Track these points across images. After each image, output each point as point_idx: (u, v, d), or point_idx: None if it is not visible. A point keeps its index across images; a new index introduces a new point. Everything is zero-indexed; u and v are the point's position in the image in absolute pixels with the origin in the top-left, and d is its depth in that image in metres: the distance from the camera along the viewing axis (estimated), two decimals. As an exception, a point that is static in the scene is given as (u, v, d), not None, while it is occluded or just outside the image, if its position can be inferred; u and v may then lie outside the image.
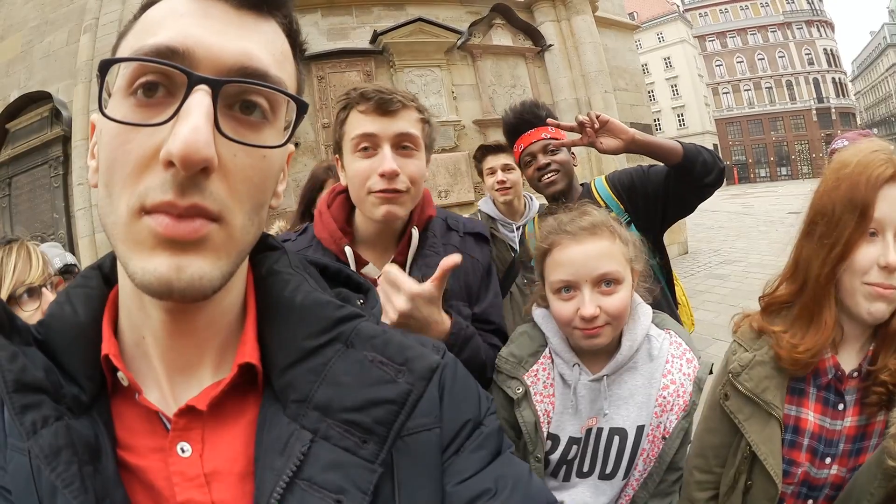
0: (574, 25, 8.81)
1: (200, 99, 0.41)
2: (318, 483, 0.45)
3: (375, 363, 0.50)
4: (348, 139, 1.18)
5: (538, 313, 1.31)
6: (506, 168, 2.59)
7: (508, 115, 2.06)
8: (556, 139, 1.92)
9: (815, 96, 50.24)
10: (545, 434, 1.24)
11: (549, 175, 1.91)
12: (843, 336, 1.07)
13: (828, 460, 1.06)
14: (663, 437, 1.19)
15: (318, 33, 7.42)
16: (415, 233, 1.26)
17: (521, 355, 1.29)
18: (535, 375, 1.27)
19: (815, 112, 49.82)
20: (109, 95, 0.46)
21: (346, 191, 1.28)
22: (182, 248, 0.42)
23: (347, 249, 1.22)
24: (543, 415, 1.25)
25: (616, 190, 1.92)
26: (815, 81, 50.42)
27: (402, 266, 1.23)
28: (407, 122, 1.18)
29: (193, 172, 0.41)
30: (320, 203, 1.35)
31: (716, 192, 1.79)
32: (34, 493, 0.44)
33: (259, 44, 0.47)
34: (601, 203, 1.92)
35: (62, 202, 7.73)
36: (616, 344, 1.23)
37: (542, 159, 1.93)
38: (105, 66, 0.44)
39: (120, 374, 0.49)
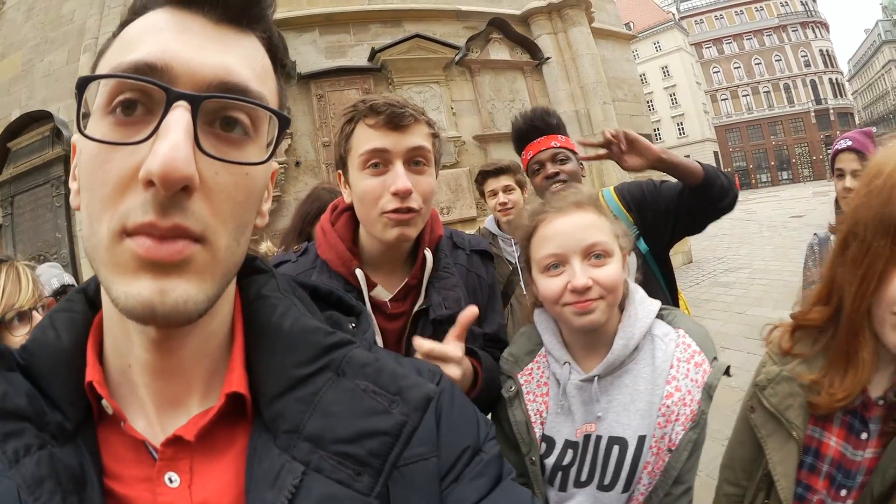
0: (571, 37, 8.98)
1: (180, 115, 0.41)
2: None
3: (368, 392, 0.49)
4: (355, 155, 1.11)
5: (536, 313, 1.29)
6: (506, 189, 2.68)
7: (518, 121, 2.06)
8: (566, 148, 1.94)
9: (812, 98, 50.60)
10: (538, 435, 1.21)
11: (557, 185, 1.89)
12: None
13: (843, 492, 1.01)
14: (669, 450, 1.11)
15: (317, 51, 7.59)
16: (428, 254, 1.21)
17: (518, 354, 1.28)
18: (530, 374, 1.25)
19: (813, 114, 50.15)
20: (89, 114, 0.46)
21: (349, 208, 1.23)
22: (165, 270, 0.41)
23: (359, 272, 1.16)
24: (536, 415, 1.22)
25: (625, 202, 1.93)
26: (813, 83, 50.81)
27: (417, 288, 1.20)
28: (419, 137, 1.12)
29: (174, 192, 0.40)
30: (323, 221, 1.29)
31: None
32: None
33: (239, 58, 0.46)
34: (609, 215, 1.95)
35: (64, 221, 7.83)
36: (612, 342, 1.17)
37: (551, 168, 1.93)
38: (83, 84, 0.44)
39: (104, 403, 0.49)
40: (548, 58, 8.81)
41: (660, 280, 1.96)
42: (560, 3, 8.95)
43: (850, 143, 2.04)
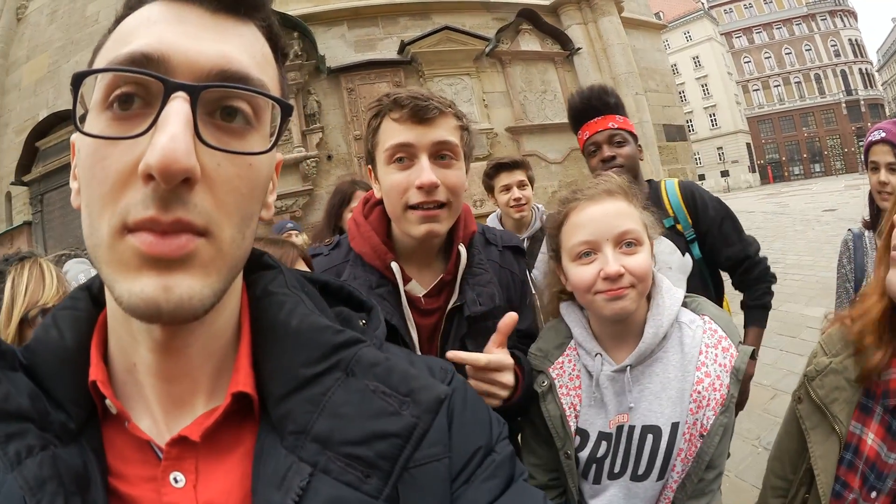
0: (601, 27, 8.90)
1: (178, 107, 0.40)
2: None
3: (378, 393, 0.48)
4: (382, 149, 1.12)
5: (563, 306, 1.29)
6: (521, 185, 2.65)
7: (575, 98, 2.00)
8: (624, 130, 1.88)
9: (843, 89, 49.64)
10: (573, 428, 1.22)
11: (613, 169, 1.82)
12: None
13: (874, 494, 1.00)
14: (701, 435, 1.13)
15: (346, 45, 7.64)
16: (462, 250, 1.21)
17: (547, 349, 1.28)
18: (561, 368, 1.26)
19: (844, 105, 49.19)
20: (86, 111, 0.45)
21: (381, 201, 1.23)
22: (168, 266, 0.40)
23: (394, 266, 1.16)
24: (570, 408, 1.22)
25: (688, 202, 1.91)
26: (843, 73, 49.83)
27: (451, 284, 1.21)
28: (445, 130, 1.11)
29: (174, 185, 0.39)
30: (356, 214, 1.29)
31: (751, 193, 1.83)
32: None
33: (238, 46, 0.46)
34: (668, 208, 1.91)
35: (94, 216, 8.03)
36: (642, 331, 1.18)
37: (607, 151, 1.87)
38: (78, 80, 0.43)
39: (108, 402, 0.48)
40: (578, 48, 8.73)
41: (709, 285, 1.97)
42: (590, -7, 8.85)
43: (883, 134, 1.93)
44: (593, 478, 1.21)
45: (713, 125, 48.46)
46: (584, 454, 1.20)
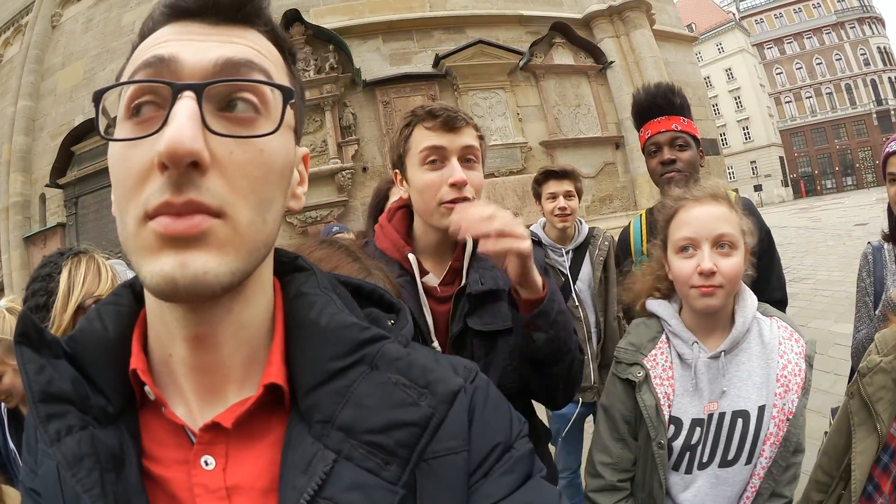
0: (633, 40, 9.06)
1: (184, 103, 0.45)
2: (339, 502, 0.47)
3: (399, 385, 0.52)
4: (415, 152, 1.29)
5: (653, 303, 1.44)
6: (568, 195, 2.68)
7: (640, 95, 2.00)
8: (687, 133, 1.87)
9: (874, 98, 48.73)
10: (667, 417, 1.32)
11: (671, 173, 1.86)
12: None
13: None
14: (787, 419, 1.26)
15: (381, 59, 7.91)
16: (468, 239, 1.31)
17: (640, 342, 1.42)
18: (654, 359, 1.38)
19: (875, 116, 48.36)
20: (109, 123, 0.51)
21: (404, 206, 1.42)
22: (184, 244, 0.44)
23: (411, 256, 1.32)
24: (664, 398, 1.34)
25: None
26: (873, 83, 48.98)
27: (459, 271, 1.34)
28: (469, 137, 1.29)
29: (183, 168, 0.43)
30: (381, 220, 1.46)
31: (784, 208, 1.77)
32: (60, 497, 0.50)
33: (240, 46, 0.50)
34: None
35: (129, 221, 8.35)
36: (728, 323, 1.34)
37: (668, 154, 1.87)
38: (98, 97, 0.50)
39: (147, 389, 0.53)
40: (612, 62, 8.89)
41: None
42: (620, 6, 9.03)
43: None
44: (685, 468, 1.33)
45: (746, 138, 48.12)
46: (679, 442, 1.32)
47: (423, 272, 1.34)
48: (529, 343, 1.22)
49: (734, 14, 51.48)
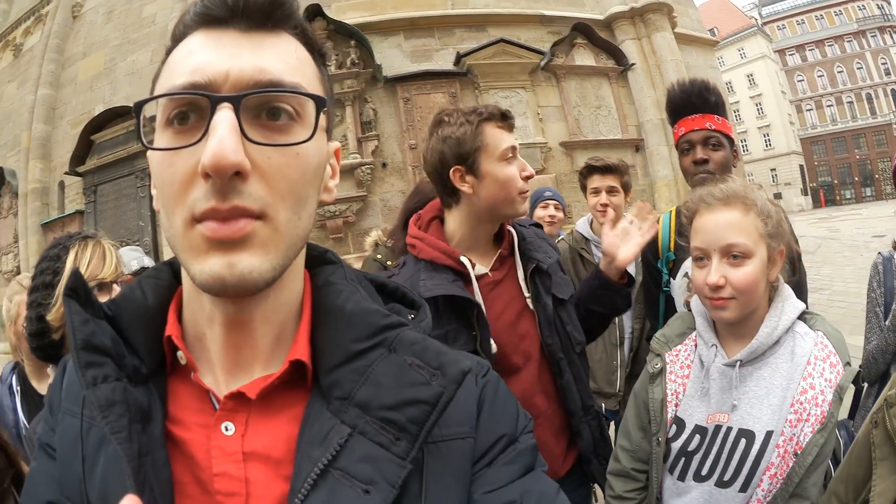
0: (654, 43, 9.13)
1: (224, 115, 0.48)
2: (350, 473, 0.50)
3: (413, 366, 0.55)
4: (495, 150, 1.45)
5: (695, 298, 1.40)
6: (610, 190, 2.69)
7: (675, 90, 1.99)
8: (721, 132, 1.87)
9: (894, 109, 48.44)
10: (670, 415, 1.31)
11: (703, 173, 1.84)
12: None
13: None
14: (795, 454, 1.16)
15: (402, 55, 8.06)
16: (511, 229, 1.59)
17: (670, 335, 1.42)
18: (676, 355, 1.38)
19: (895, 126, 48.22)
20: (153, 131, 0.54)
21: (434, 218, 1.59)
22: (230, 247, 0.49)
23: (464, 259, 1.47)
24: (672, 395, 1.33)
25: None
26: (894, 93, 48.70)
27: (510, 257, 1.58)
28: None
29: (227, 178, 0.47)
30: (412, 232, 1.56)
31: (803, 217, 1.80)
32: (78, 452, 0.53)
33: (272, 56, 0.53)
34: None
35: (148, 211, 8.63)
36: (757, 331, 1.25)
37: (701, 153, 1.85)
38: (139, 107, 0.53)
39: (179, 354, 0.58)
40: (633, 64, 8.96)
41: None
42: (642, 8, 9.12)
43: None
44: (679, 473, 1.29)
45: (767, 145, 47.85)
46: (677, 444, 1.29)
47: (473, 266, 1.49)
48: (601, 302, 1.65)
49: (756, 19, 51.26)
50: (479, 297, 1.45)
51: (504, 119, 1.49)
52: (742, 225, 1.23)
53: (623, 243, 1.61)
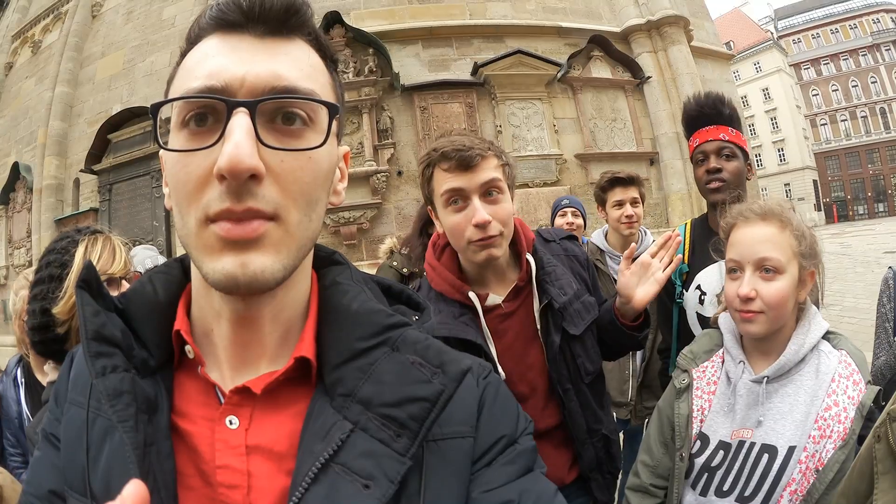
0: (670, 56, 9.14)
1: (240, 119, 0.49)
2: (351, 468, 0.51)
3: (415, 365, 0.57)
4: (438, 195, 1.37)
5: (723, 315, 1.42)
6: (634, 202, 2.74)
7: (690, 103, 2.04)
8: (734, 143, 1.91)
9: None
10: (695, 431, 1.33)
11: (715, 182, 1.90)
12: None
13: None
14: (816, 470, 1.17)
15: (420, 64, 8.13)
16: (530, 258, 1.47)
17: (697, 352, 1.44)
18: (703, 371, 1.39)
19: (909, 140, 47.99)
20: (168, 132, 0.55)
21: (449, 242, 1.49)
22: (244, 247, 0.50)
23: (472, 295, 1.42)
24: (698, 411, 1.34)
25: None
26: None
27: (527, 287, 1.47)
28: (489, 171, 1.33)
29: (242, 181, 0.48)
30: (429, 258, 1.54)
31: (816, 233, 1.61)
32: (83, 442, 0.54)
33: (286, 62, 0.54)
34: None
35: (163, 211, 8.71)
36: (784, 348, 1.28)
37: (714, 163, 1.90)
38: (155, 108, 0.55)
39: (187, 348, 0.59)
40: (649, 77, 8.98)
41: None
42: (659, 21, 9.15)
43: None
44: (701, 489, 1.30)
45: (781, 160, 47.77)
46: (700, 460, 1.31)
47: (483, 297, 1.44)
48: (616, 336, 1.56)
49: (772, 33, 51.24)
50: (486, 332, 1.43)
51: (447, 160, 1.33)
52: (777, 240, 1.27)
53: (641, 281, 1.51)
